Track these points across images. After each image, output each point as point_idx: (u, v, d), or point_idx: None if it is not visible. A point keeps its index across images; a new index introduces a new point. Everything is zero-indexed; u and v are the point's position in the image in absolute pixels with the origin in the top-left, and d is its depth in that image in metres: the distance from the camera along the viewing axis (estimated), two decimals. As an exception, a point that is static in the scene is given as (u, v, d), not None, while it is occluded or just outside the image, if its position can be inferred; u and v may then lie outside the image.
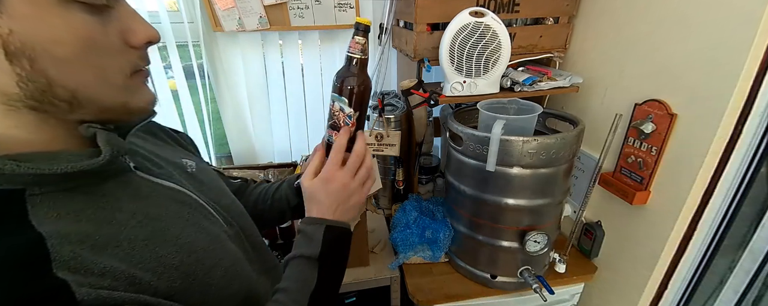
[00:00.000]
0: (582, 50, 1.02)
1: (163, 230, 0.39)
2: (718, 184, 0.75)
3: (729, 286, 0.84)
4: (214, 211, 0.49)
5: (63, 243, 0.30)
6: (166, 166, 0.48)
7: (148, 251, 0.36)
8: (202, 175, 0.54)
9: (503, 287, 0.98)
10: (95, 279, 0.30)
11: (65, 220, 0.32)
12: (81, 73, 0.32)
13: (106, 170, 0.37)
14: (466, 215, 0.95)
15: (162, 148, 0.53)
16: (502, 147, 0.78)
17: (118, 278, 0.32)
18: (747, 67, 0.64)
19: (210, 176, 0.56)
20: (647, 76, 0.83)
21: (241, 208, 0.58)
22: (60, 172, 0.32)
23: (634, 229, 0.93)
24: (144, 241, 0.36)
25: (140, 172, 0.42)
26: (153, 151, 0.49)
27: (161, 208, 0.41)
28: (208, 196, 0.50)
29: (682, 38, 0.75)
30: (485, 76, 0.93)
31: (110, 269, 0.31)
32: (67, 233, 0.31)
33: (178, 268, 0.38)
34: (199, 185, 0.50)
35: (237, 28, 1.13)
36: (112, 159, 0.35)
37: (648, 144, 0.83)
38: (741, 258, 0.80)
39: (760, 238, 0.76)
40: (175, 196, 0.44)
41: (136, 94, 0.38)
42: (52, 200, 0.32)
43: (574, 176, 1.06)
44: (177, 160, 0.52)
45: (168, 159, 0.50)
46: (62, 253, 0.29)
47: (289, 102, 1.36)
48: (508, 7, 0.94)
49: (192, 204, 0.46)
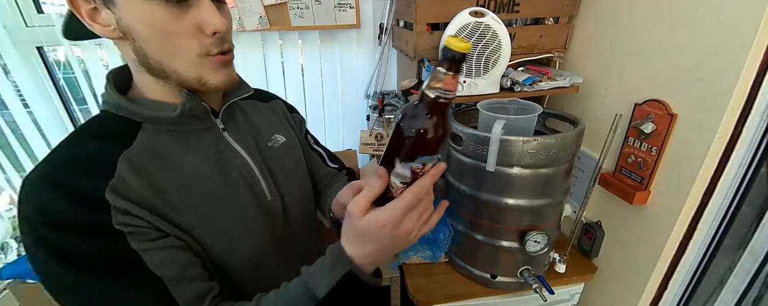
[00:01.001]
0: (582, 50, 1.02)
1: (204, 177, 0.52)
2: (718, 184, 0.74)
3: (729, 287, 0.84)
4: (263, 181, 0.59)
5: (129, 166, 0.46)
6: (253, 135, 0.61)
7: (179, 186, 0.49)
8: (281, 151, 0.65)
9: (503, 287, 0.98)
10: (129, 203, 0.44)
11: (149, 145, 0.49)
12: (161, 49, 0.45)
13: (190, 123, 0.52)
14: (466, 215, 0.95)
15: (266, 120, 0.67)
16: (502, 147, 0.78)
17: (146, 199, 0.46)
18: (747, 67, 0.64)
19: (289, 155, 0.67)
20: (647, 76, 0.83)
21: (303, 192, 0.68)
22: (152, 116, 0.50)
23: (634, 229, 0.93)
24: (182, 178, 0.50)
25: (226, 132, 0.57)
26: (256, 120, 0.64)
27: (218, 162, 0.54)
28: (269, 167, 0.61)
29: (682, 38, 0.75)
30: (485, 76, 0.92)
31: (146, 197, 0.46)
32: (139, 153, 0.48)
33: (195, 208, 0.50)
34: (268, 157, 0.62)
35: (237, 28, 1.13)
36: (182, 114, 0.49)
37: (648, 144, 0.83)
38: (741, 258, 0.80)
39: (760, 239, 0.76)
40: (236, 159, 0.56)
41: (211, 73, 0.49)
42: (154, 134, 0.50)
43: (574, 176, 1.05)
44: (267, 133, 0.64)
45: (261, 130, 0.64)
46: (121, 170, 0.46)
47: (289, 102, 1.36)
48: (508, 7, 0.94)
49: (244, 170, 0.57)
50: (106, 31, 0.45)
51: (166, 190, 0.48)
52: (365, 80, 1.32)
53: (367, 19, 1.22)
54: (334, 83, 1.35)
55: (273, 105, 0.73)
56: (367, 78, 1.31)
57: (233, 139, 0.57)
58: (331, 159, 0.83)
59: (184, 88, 0.49)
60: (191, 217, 0.50)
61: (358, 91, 1.35)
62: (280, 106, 0.75)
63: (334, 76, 1.33)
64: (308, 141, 0.81)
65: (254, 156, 0.59)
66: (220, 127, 0.56)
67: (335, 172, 0.82)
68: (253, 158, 0.58)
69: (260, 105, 0.70)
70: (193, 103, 0.50)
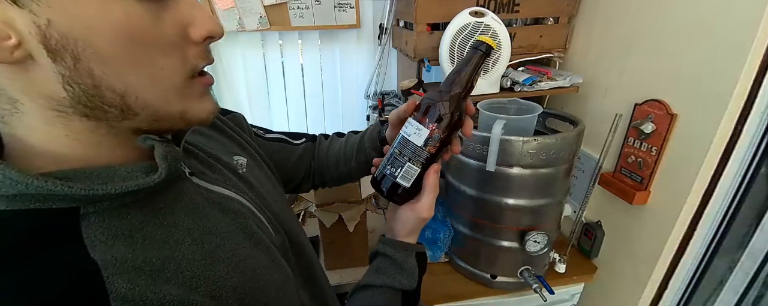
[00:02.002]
0: (582, 50, 1.02)
1: (219, 247, 0.36)
2: (718, 184, 0.74)
3: (729, 287, 0.84)
4: (264, 219, 0.45)
5: (119, 272, 0.27)
6: (220, 167, 0.45)
7: (206, 272, 0.33)
8: (252, 176, 0.49)
9: (503, 287, 0.98)
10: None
11: (121, 241, 0.29)
12: (128, 71, 0.28)
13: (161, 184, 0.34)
14: (466, 215, 0.95)
15: (214, 141, 0.50)
16: (502, 147, 0.78)
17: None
18: (747, 67, 0.64)
19: (259, 177, 0.52)
20: (647, 76, 0.83)
21: (289, 214, 0.55)
22: (114, 192, 0.29)
23: (634, 229, 0.93)
24: (201, 261, 0.33)
25: (195, 177, 0.39)
26: (206, 147, 0.46)
27: (216, 220, 0.38)
28: (258, 201, 0.46)
29: (682, 38, 0.75)
30: (485, 76, 0.92)
31: (168, 298, 0.28)
32: (123, 259, 0.28)
33: (236, 290, 0.34)
34: (249, 189, 0.46)
35: (237, 28, 1.13)
36: (168, 177, 0.32)
37: (648, 144, 0.83)
38: (741, 258, 0.80)
39: (760, 239, 0.76)
40: (229, 204, 0.41)
41: (198, 103, 0.33)
42: (107, 218, 0.29)
43: (574, 176, 1.05)
44: (229, 159, 0.48)
45: (220, 158, 0.46)
46: (119, 287, 0.26)
47: (289, 102, 1.36)
48: (508, 7, 0.94)
49: (245, 213, 0.42)
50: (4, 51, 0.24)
51: (194, 285, 0.31)
52: (365, 80, 1.32)
53: (367, 19, 1.22)
54: (334, 83, 1.35)
55: None
56: (367, 78, 1.31)
57: (208, 181, 0.41)
58: (294, 137, 0.69)
59: (141, 132, 0.32)
60: (235, 302, 0.34)
61: (358, 91, 1.35)
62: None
63: (334, 76, 1.33)
64: (260, 136, 0.64)
65: (241, 192, 0.44)
66: (187, 172, 0.38)
67: (310, 144, 0.69)
68: (243, 195, 0.44)
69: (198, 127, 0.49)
70: (174, 152, 0.33)
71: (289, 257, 0.48)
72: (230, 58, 1.23)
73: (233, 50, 1.22)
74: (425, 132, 0.45)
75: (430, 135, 0.45)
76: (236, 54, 1.23)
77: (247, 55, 1.24)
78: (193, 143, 0.44)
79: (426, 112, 0.46)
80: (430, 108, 0.46)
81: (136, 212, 0.31)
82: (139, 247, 0.30)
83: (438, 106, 0.45)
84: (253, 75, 1.28)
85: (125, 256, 0.28)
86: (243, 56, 1.23)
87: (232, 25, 1.13)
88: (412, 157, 0.46)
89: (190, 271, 0.31)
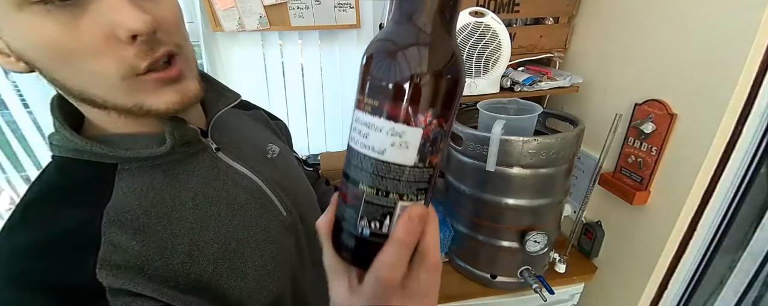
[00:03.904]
0: (582, 50, 1.02)
1: (214, 215, 0.41)
2: (718, 184, 0.74)
3: (729, 287, 0.84)
4: (276, 198, 0.50)
5: (114, 220, 0.34)
6: (248, 149, 0.51)
7: (192, 234, 0.38)
8: (281, 162, 0.55)
9: (503, 287, 0.98)
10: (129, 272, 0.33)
11: (136, 194, 0.37)
12: (71, 76, 0.32)
13: (179, 152, 0.40)
14: (466, 215, 0.95)
15: (254, 130, 0.57)
16: (502, 147, 0.78)
17: (152, 260, 0.35)
18: (747, 68, 0.64)
19: (288, 163, 0.57)
20: (647, 76, 0.83)
21: (309, 198, 0.58)
22: (133, 156, 0.37)
23: (634, 229, 0.93)
24: (192, 224, 0.39)
25: (221, 152, 0.46)
26: (244, 132, 0.54)
27: (223, 191, 0.43)
28: (277, 182, 0.51)
29: (682, 38, 0.75)
30: (485, 76, 0.92)
31: (146, 248, 0.35)
32: (126, 208, 0.36)
33: (215, 254, 0.39)
34: (272, 171, 0.52)
35: (237, 28, 1.13)
36: (172, 149, 0.38)
37: (648, 144, 0.83)
38: (741, 258, 0.80)
39: (760, 239, 0.76)
40: (241, 181, 0.46)
41: (153, 97, 0.34)
42: (136, 175, 0.38)
43: (574, 176, 1.05)
44: (261, 145, 0.54)
45: (253, 143, 0.53)
46: (110, 235, 0.33)
47: (289, 102, 1.36)
48: (508, 7, 0.94)
49: (254, 191, 0.47)
50: (10, 64, 0.32)
51: (175, 242, 0.37)
52: (365, 80, 1.32)
53: (367, 19, 1.22)
54: (334, 83, 1.34)
55: (254, 113, 0.64)
56: (367, 78, 1.31)
57: (231, 158, 0.47)
58: (306, 164, 0.76)
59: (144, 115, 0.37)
60: (210, 265, 0.38)
61: (358, 91, 1.35)
62: (261, 114, 0.66)
63: (334, 76, 1.33)
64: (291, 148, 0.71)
65: (258, 172, 0.49)
66: (214, 147, 0.45)
67: (315, 174, 0.76)
68: (258, 175, 0.49)
69: (241, 113, 0.60)
70: (181, 129, 0.39)
71: (299, 237, 0.52)
72: (230, 58, 1.23)
73: (233, 50, 1.22)
74: (415, 132, 0.23)
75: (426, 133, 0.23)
76: (236, 54, 1.23)
77: (247, 55, 1.24)
78: (235, 125, 0.53)
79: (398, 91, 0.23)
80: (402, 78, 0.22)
81: (160, 174, 0.39)
82: (146, 201, 0.37)
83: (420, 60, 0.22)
84: (253, 75, 1.27)
85: (131, 205, 0.36)
86: (243, 56, 1.23)
87: (232, 25, 1.13)
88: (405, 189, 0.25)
89: (179, 229, 0.38)
